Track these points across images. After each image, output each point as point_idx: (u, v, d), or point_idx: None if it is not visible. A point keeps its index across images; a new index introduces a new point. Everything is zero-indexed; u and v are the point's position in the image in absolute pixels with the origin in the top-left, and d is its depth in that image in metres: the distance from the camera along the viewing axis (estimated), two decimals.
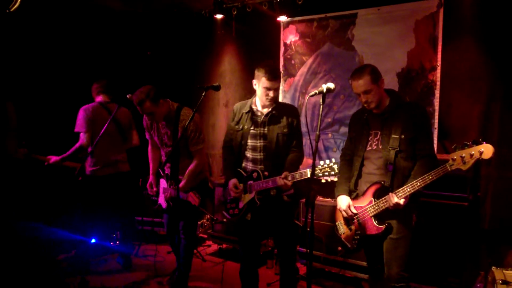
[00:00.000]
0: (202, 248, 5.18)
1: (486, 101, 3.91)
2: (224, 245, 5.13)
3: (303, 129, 3.43)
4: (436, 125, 4.14)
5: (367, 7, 4.52)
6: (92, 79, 4.53)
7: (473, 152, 2.52)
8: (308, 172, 2.86)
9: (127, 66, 5.68)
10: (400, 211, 2.81)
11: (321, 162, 2.85)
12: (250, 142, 3.25)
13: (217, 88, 3.27)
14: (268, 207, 3.22)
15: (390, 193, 2.77)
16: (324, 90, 2.72)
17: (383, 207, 2.81)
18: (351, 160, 3.10)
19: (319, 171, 2.83)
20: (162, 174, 3.89)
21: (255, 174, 3.18)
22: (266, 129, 3.21)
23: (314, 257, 4.02)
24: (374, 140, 2.96)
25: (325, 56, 4.87)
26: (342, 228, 3.08)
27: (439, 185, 3.49)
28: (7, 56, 4.61)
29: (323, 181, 2.86)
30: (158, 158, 4.08)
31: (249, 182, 3.21)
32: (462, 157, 2.55)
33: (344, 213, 3.03)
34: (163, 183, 3.89)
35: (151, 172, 4.02)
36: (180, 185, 3.62)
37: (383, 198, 2.81)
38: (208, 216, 5.21)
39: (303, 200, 4.07)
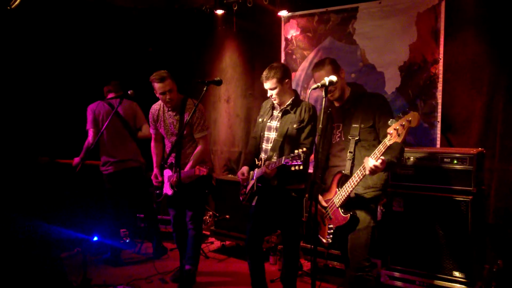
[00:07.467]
0: (205, 245, 5.16)
1: (489, 93, 3.86)
2: (227, 242, 5.12)
3: None
4: (439, 119, 4.10)
5: (368, 1, 4.48)
6: (93, 76, 4.52)
7: (403, 122, 2.45)
8: (283, 160, 2.97)
9: (128, 63, 5.67)
10: (362, 201, 2.84)
11: (295, 151, 2.92)
12: (266, 133, 3.44)
13: (219, 83, 3.42)
14: (273, 198, 3.36)
15: (366, 157, 2.68)
16: (327, 83, 2.70)
17: (358, 181, 2.74)
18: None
19: (290, 158, 2.91)
20: (166, 165, 3.96)
21: (259, 163, 3.37)
22: (278, 122, 3.35)
23: (318, 252, 4.01)
24: (337, 133, 3.02)
25: (326, 51, 4.82)
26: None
27: (442, 178, 3.52)
28: (7, 53, 4.60)
29: (292, 168, 2.92)
30: (161, 151, 4.16)
31: (255, 169, 3.41)
32: (396, 130, 2.48)
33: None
34: (167, 172, 3.96)
35: (154, 165, 4.09)
36: (186, 168, 3.77)
37: (360, 168, 2.73)
38: (211, 212, 5.19)
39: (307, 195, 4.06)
